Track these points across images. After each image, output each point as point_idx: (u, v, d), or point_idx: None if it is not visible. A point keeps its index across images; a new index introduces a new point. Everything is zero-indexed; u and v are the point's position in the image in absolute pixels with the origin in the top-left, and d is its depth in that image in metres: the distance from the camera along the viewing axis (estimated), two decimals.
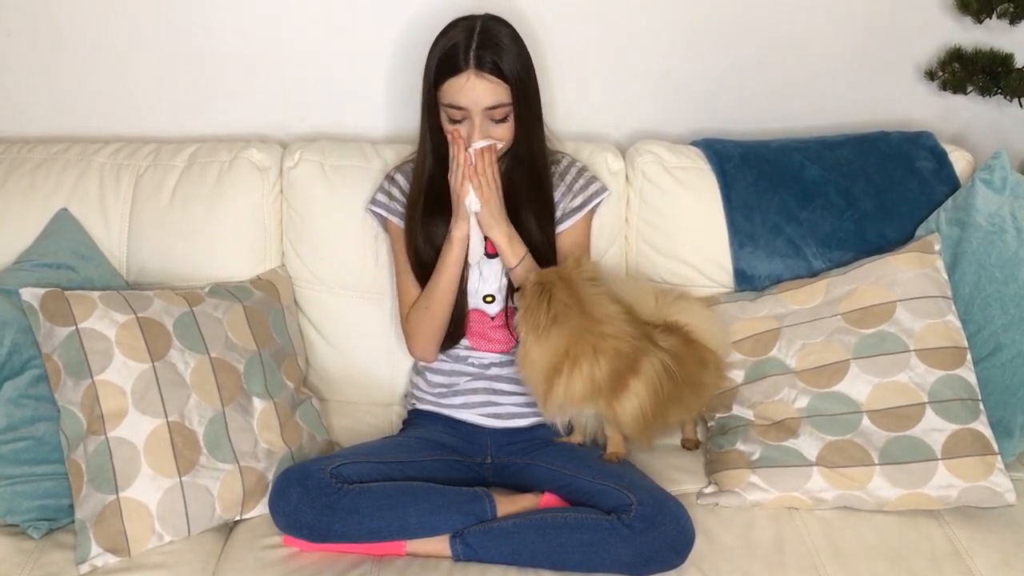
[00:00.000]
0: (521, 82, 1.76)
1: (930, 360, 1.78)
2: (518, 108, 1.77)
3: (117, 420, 1.65)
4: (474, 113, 1.75)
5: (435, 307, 1.84)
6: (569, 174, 1.94)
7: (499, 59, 1.73)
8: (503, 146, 1.80)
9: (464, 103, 1.74)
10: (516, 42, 1.78)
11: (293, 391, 1.89)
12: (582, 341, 1.63)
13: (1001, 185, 1.90)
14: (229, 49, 2.16)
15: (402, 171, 1.96)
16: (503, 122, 1.78)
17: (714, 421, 1.92)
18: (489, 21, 1.78)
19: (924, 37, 2.22)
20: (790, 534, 1.69)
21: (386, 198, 1.93)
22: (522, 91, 1.76)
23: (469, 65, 1.72)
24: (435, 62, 1.77)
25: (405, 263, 1.90)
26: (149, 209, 1.98)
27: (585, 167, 1.97)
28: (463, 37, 1.74)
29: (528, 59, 1.79)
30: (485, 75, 1.72)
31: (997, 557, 1.64)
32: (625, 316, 1.68)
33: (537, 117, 1.84)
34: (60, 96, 2.20)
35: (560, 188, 1.92)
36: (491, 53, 1.73)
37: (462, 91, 1.73)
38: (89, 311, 1.69)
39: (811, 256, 2.00)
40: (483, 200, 1.76)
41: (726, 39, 2.21)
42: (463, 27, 1.76)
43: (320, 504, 1.61)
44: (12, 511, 1.66)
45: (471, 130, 1.76)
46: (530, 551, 1.60)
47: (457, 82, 1.73)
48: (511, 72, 1.74)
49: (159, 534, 1.64)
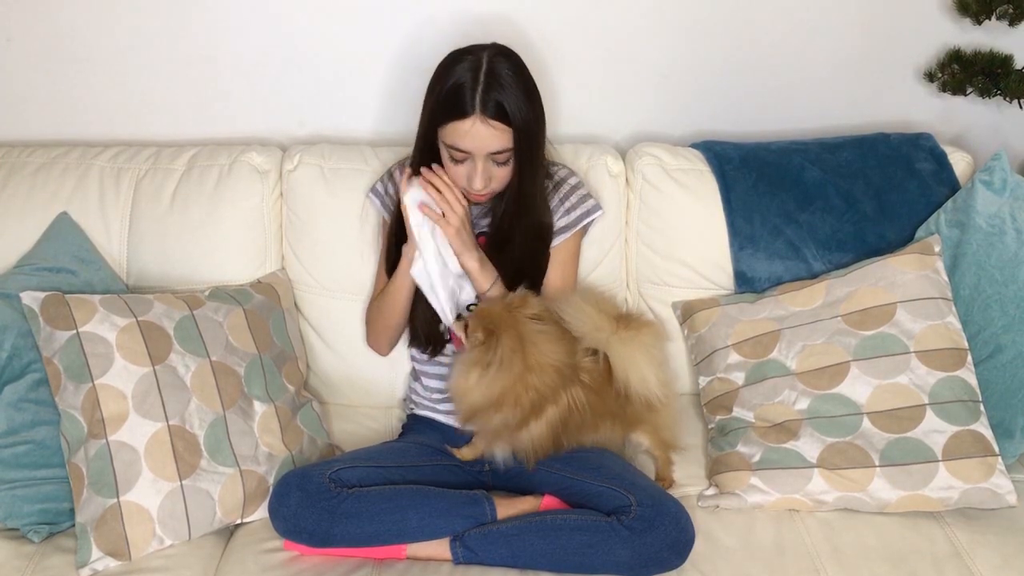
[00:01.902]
0: (526, 124, 1.71)
1: (930, 362, 1.78)
2: (520, 151, 1.73)
3: (118, 424, 1.65)
4: (477, 157, 1.71)
5: (386, 311, 1.90)
6: (562, 189, 1.91)
7: (506, 103, 1.67)
8: (500, 186, 1.78)
9: (468, 147, 1.70)
10: (522, 79, 1.72)
11: (294, 394, 1.89)
12: (512, 391, 1.66)
13: (1001, 186, 1.90)
14: (229, 53, 2.16)
15: (400, 167, 1.95)
16: (505, 165, 1.74)
17: (714, 423, 1.92)
18: (495, 58, 1.70)
19: (923, 39, 2.22)
20: (791, 536, 1.69)
21: (383, 190, 1.94)
22: (526, 134, 1.72)
23: (475, 110, 1.67)
24: (438, 101, 1.71)
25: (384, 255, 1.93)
26: (149, 213, 1.98)
27: (581, 183, 1.94)
28: (469, 78, 1.68)
29: (533, 93, 1.74)
30: (491, 121, 1.67)
31: (998, 559, 1.63)
32: (556, 361, 1.68)
33: (539, 154, 1.80)
34: (60, 100, 2.20)
35: (551, 203, 1.90)
36: (497, 96, 1.67)
37: (467, 136, 1.69)
38: (89, 315, 1.69)
39: (811, 258, 2.00)
40: (448, 224, 1.75)
41: (726, 41, 2.21)
42: (469, 65, 1.69)
43: (320, 508, 1.61)
44: (13, 515, 1.66)
45: (472, 171, 1.73)
46: (530, 553, 1.60)
47: (462, 127, 1.68)
48: (516, 117, 1.68)
49: (160, 538, 1.64)
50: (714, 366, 1.94)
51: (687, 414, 2.03)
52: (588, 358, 1.72)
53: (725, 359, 1.92)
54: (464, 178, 1.75)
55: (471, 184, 1.74)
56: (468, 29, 2.12)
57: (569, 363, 1.70)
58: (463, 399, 1.71)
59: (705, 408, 1.97)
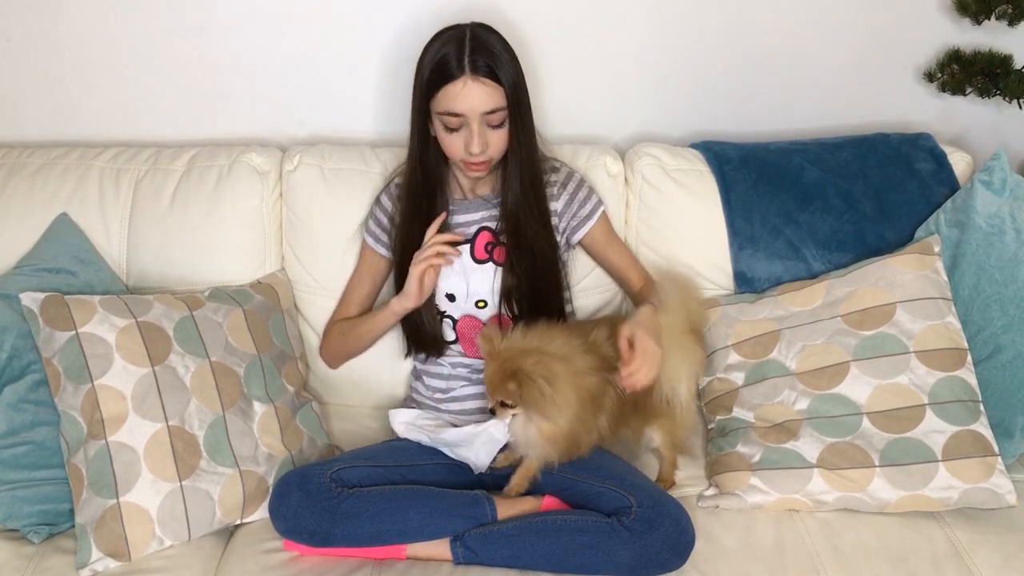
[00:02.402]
0: (516, 86, 1.75)
1: (930, 362, 1.78)
2: (513, 113, 1.76)
3: (117, 424, 1.65)
4: (471, 119, 1.73)
5: (356, 342, 1.96)
6: (571, 183, 1.93)
7: (494, 63, 1.72)
8: (498, 152, 1.80)
9: (461, 109, 1.72)
10: (507, 48, 1.76)
11: (293, 395, 1.89)
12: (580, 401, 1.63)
13: (1000, 186, 1.90)
14: (228, 53, 2.16)
15: (387, 192, 1.96)
16: (499, 127, 1.76)
17: (714, 424, 1.91)
18: (478, 28, 1.76)
19: (923, 39, 2.22)
20: (791, 536, 1.69)
21: (374, 224, 1.95)
22: (517, 95, 1.75)
23: (464, 70, 1.70)
24: (427, 71, 1.74)
25: (359, 282, 1.98)
26: (149, 213, 1.98)
27: (584, 178, 1.97)
28: (454, 45, 1.72)
29: (519, 65, 1.77)
30: (481, 79, 1.71)
31: (998, 558, 1.63)
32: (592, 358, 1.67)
33: (530, 123, 1.83)
34: (59, 101, 2.20)
35: (563, 198, 1.91)
36: (485, 57, 1.71)
37: (459, 97, 1.71)
38: (89, 315, 1.69)
39: (811, 258, 2.00)
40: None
41: (725, 41, 2.21)
42: (452, 36, 1.74)
43: (320, 508, 1.61)
44: (12, 516, 1.66)
45: (469, 137, 1.75)
46: (530, 553, 1.60)
47: (453, 89, 1.71)
48: (506, 76, 1.72)
49: (159, 538, 1.64)
50: (714, 366, 1.94)
51: None
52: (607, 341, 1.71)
53: (725, 359, 1.92)
54: (461, 147, 1.76)
55: (469, 149, 1.75)
56: None
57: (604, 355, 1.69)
58: (554, 445, 1.66)
59: (705, 408, 1.97)
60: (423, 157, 1.84)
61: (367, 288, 1.98)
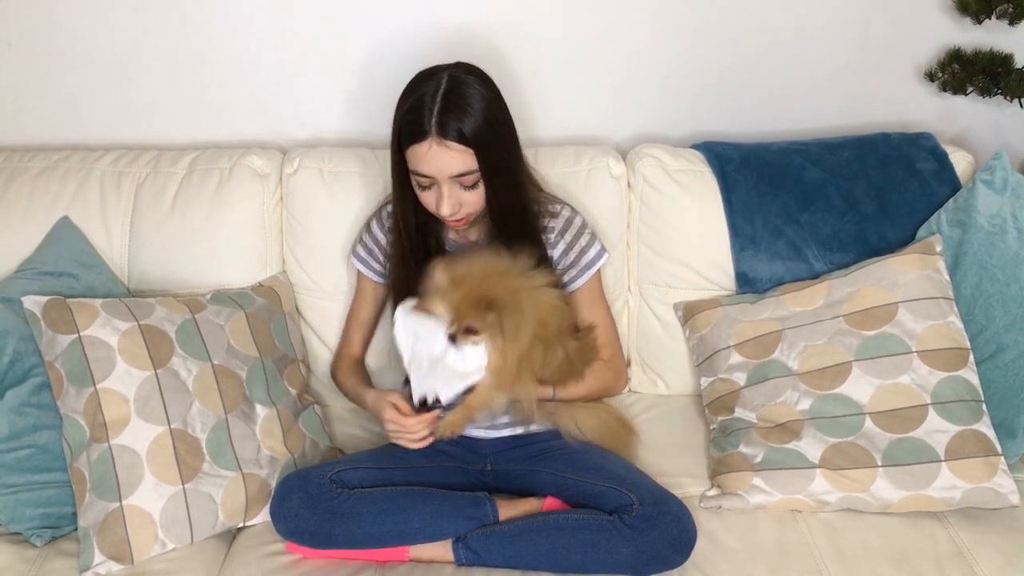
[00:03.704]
0: (487, 145, 1.64)
1: (932, 361, 1.78)
2: (488, 173, 1.67)
3: (120, 428, 1.65)
4: (440, 181, 1.66)
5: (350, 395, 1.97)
6: (570, 232, 1.87)
7: (462, 124, 1.61)
8: (476, 209, 1.73)
9: (429, 171, 1.65)
10: (484, 98, 1.66)
11: (295, 398, 1.89)
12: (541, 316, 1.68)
13: (1002, 186, 1.89)
14: (229, 56, 2.17)
15: (378, 219, 1.91)
16: (473, 188, 1.68)
17: (716, 424, 1.91)
18: (455, 77, 1.65)
19: (923, 38, 2.22)
20: (793, 537, 1.69)
21: (364, 251, 1.93)
22: (488, 154, 1.65)
23: (431, 132, 1.62)
24: (399, 123, 1.67)
25: (359, 308, 1.97)
26: (150, 216, 1.99)
27: (587, 223, 1.90)
28: (428, 99, 1.63)
29: (498, 111, 1.69)
30: (448, 143, 1.62)
31: (1001, 558, 1.63)
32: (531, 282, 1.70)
33: (512, 169, 1.74)
34: (60, 104, 2.20)
35: (559, 246, 1.86)
36: (454, 118, 1.61)
37: (425, 159, 1.64)
38: (91, 319, 1.70)
39: (812, 258, 2.00)
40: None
41: (726, 42, 2.21)
42: (427, 86, 1.65)
43: (321, 510, 1.61)
44: (15, 519, 1.66)
45: (439, 197, 1.68)
46: (532, 553, 1.60)
47: (420, 149, 1.63)
48: (476, 137, 1.62)
49: (162, 541, 1.64)
50: (716, 367, 1.94)
51: (689, 415, 2.04)
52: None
53: (727, 360, 1.92)
54: (434, 204, 1.70)
55: (439, 210, 1.70)
56: (470, 31, 2.12)
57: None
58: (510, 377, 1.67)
59: (707, 409, 1.96)
60: (405, 212, 1.78)
61: (368, 312, 1.98)
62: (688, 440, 1.96)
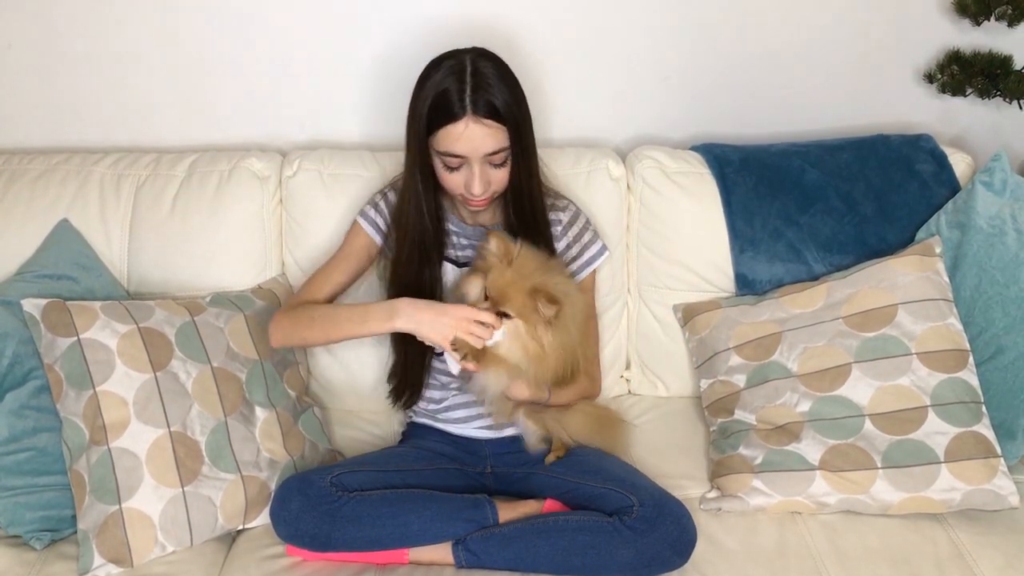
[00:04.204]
0: (517, 121, 1.67)
1: (932, 363, 1.78)
2: (516, 151, 1.69)
3: (119, 430, 1.65)
4: (473, 160, 1.67)
5: (316, 332, 1.75)
6: (576, 225, 1.89)
7: (496, 101, 1.63)
8: (500, 188, 1.74)
9: (463, 151, 1.65)
10: (507, 76, 1.68)
11: (295, 400, 1.89)
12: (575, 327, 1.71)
13: (1001, 187, 1.89)
14: (228, 59, 2.17)
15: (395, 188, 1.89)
16: (502, 166, 1.70)
17: (716, 426, 1.91)
18: (479, 58, 1.67)
19: (922, 40, 2.22)
20: (793, 538, 1.69)
21: (374, 212, 1.87)
22: (520, 133, 1.68)
23: (466, 111, 1.63)
24: (425, 108, 1.66)
25: (339, 264, 1.84)
26: (149, 219, 1.99)
27: (589, 221, 1.93)
28: (454, 81, 1.64)
29: (520, 91, 1.70)
30: (483, 120, 1.63)
31: (1001, 560, 1.63)
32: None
33: (534, 157, 1.77)
34: (60, 107, 2.20)
35: (564, 239, 1.88)
36: (488, 96, 1.63)
37: (460, 139, 1.64)
38: (90, 322, 1.70)
39: (812, 260, 2.00)
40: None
41: (725, 44, 2.21)
42: (451, 68, 1.65)
43: (321, 513, 1.61)
44: (15, 522, 1.66)
45: (469, 177, 1.69)
46: (533, 555, 1.60)
47: (455, 130, 1.64)
48: (508, 113, 1.65)
49: (161, 544, 1.64)
50: (715, 368, 1.94)
51: (689, 417, 2.04)
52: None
53: (726, 361, 1.92)
54: (461, 184, 1.71)
55: (470, 190, 1.70)
56: (469, 32, 2.11)
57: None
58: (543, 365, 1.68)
59: (707, 411, 1.96)
60: (427, 200, 1.77)
61: (345, 275, 1.85)
62: (688, 442, 1.97)
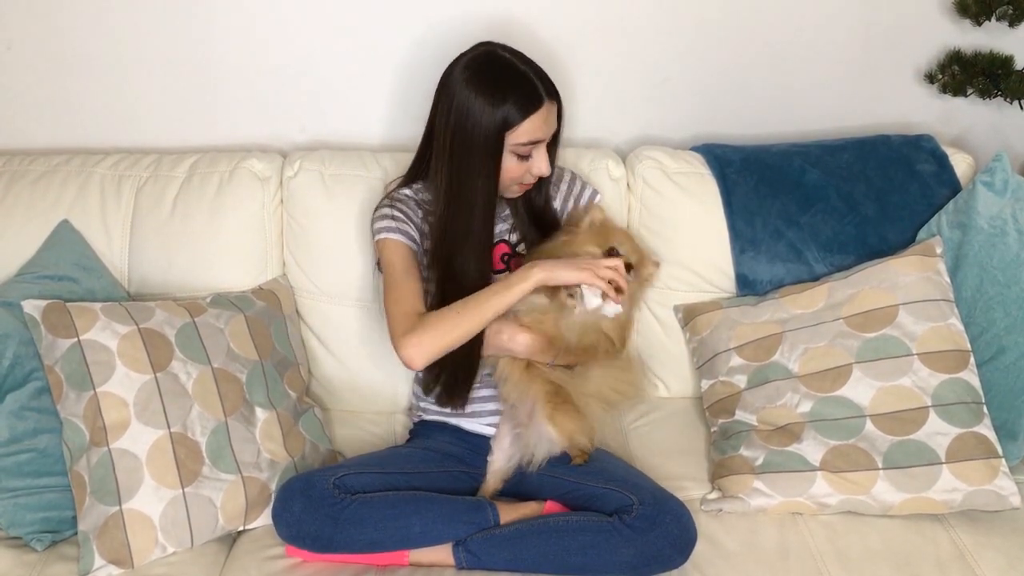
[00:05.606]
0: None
1: (933, 363, 1.78)
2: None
3: (119, 431, 1.65)
4: (543, 142, 1.73)
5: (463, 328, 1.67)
6: (563, 182, 1.94)
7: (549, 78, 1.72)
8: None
9: (543, 135, 1.71)
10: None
11: (295, 401, 1.89)
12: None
13: (1002, 187, 1.89)
14: (229, 59, 2.17)
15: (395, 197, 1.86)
16: (552, 143, 1.77)
17: (717, 427, 1.91)
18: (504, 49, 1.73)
19: (923, 40, 2.22)
20: (794, 539, 1.69)
21: (395, 223, 1.81)
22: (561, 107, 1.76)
23: (543, 96, 1.69)
24: (511, 102, 1.66)
25: (408, 274, 1.75)
26: (150, 220, 1.99)
27: (575, 174, 1.97)
28: (520, 70, 1.69)
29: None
30: (554, 101, 1.71)
31: (1002, 560, 1.63)
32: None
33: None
34: (60, 108, 2.20)
35: (558, 199, 1.92)
36: (544, 74, 1.71)
37: (544, 123, 1.70)
38: (91, 323, 1.70)
39: (813, 260, 2.00)
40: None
41: (726, 44, 2.21)
42: (504, 60, 1.70)
43: (323, 514, 1.61)
44: (15, 523, 1.66)
45: (538, 157, 1.73)
46: (533, 555, 1.60)
47: (540, 116, 1.69)
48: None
49: (162, 545, 1.64)
50: (716, 369, 1.94)
51: (689, 418, 2.04)
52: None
53: (727, 362, 1.92)
54: (523, 171, 1.75)
55: (540, 170, 1.74)
56: (470, 34, 2.11)
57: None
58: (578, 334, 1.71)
59: (707, 411, 1.96)
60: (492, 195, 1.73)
61: (420, 281, 1.77)
62: (688, 443, 1.96)
